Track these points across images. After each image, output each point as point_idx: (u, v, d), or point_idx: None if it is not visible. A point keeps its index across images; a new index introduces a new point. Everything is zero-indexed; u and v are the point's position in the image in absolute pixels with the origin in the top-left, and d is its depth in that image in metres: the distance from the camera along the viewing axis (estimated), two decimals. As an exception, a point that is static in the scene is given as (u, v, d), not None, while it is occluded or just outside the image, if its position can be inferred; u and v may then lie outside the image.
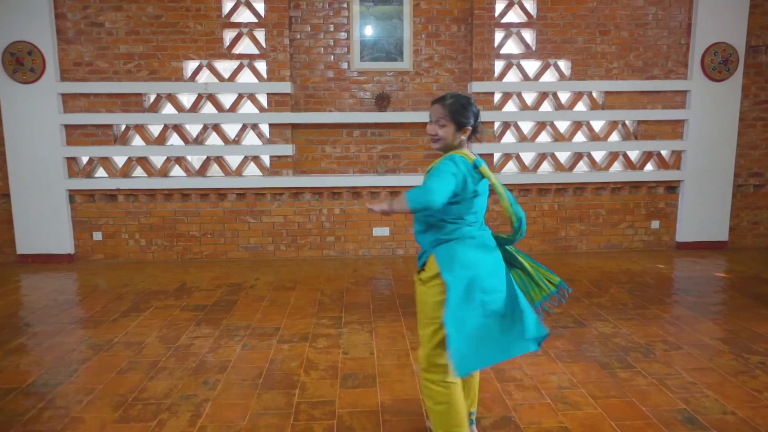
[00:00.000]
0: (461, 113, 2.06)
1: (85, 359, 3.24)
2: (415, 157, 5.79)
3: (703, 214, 5.89)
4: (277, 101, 5.49)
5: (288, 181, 5.56)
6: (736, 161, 5.89)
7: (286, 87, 5.44)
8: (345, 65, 5.64)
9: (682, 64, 5.76)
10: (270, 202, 5.65)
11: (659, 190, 5.92)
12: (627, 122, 5.84)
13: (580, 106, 5.83)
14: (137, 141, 5.64)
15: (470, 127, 2.10)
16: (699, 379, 2.94)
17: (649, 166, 5.94)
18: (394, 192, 5.71)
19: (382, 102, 5.57)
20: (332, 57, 5.62)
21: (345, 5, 5.55)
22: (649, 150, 5.82)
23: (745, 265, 5.33)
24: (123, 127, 5.55)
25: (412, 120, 5.60)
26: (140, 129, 5.52)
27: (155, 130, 5.62)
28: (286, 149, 5.54)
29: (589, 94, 5.76)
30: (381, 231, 5.78)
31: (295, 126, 5.62)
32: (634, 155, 5.91)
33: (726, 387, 2.86)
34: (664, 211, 5.95)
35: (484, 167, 2.04)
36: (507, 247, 2.22)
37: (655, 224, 5.96)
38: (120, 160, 5.66)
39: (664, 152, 5.89)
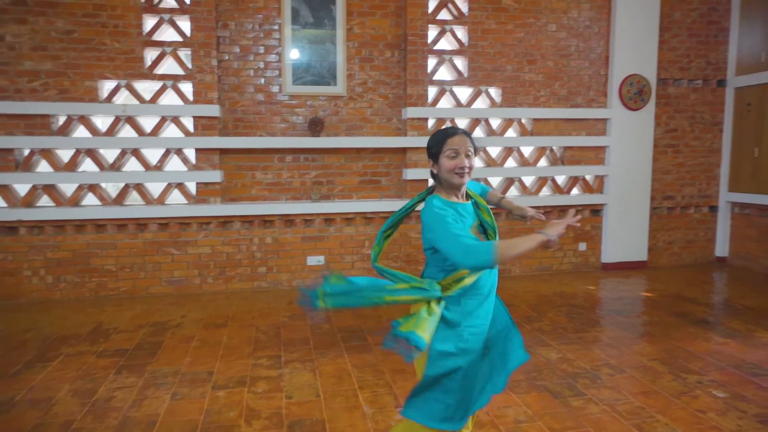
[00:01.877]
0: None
1: (-19, 423, 2.77)
2: (349, 183, 5.66)
3: (625, 235, 6.18)
4: (204, 125, 5.18)
5: (216, 209, 5.22)
6: (652, 185, 6.25)
7: (213, 110, 5.15)
8: (276, 88, 5.44)
9: (602, 94, 6.07)
10: (196, 231, 5.28)
11: (585, 213, 6.15)
12: (554, 148, 6.05)
13: (511, 133, 5.97)
14: (44, 167, 5.10)
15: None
16: (647, 403, 2.97)
17: (575, 191, 6.17)
18: (328, 219, 5.53)
19: (315, 127, 5.41)
20: (263, 80, 5.41)
21: (276, 27, 5.37)
22: (575, 175, 6.05)
23: (665, 283, 5.61)
24: (26, 152, 4.99)
25: (347, 145, 5.48)
26: (47, 154, 4.99)
27: (65, 155, 5.11)
28: (214, 175, 5.22)
29: (519, 121, 5.92)
30: (315, 260, 5.55)
31: (223, 151, 5.32)
32: (561, 180, 6.12)
33: (672, 410, 2.90)
34: (590, 233, 6.18)
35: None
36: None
37: (582, 246, 6.17)
38: (23, 188, 5.08)
39: (588, 177, 6.14)
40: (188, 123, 5.24)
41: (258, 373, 3.39)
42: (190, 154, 5.27)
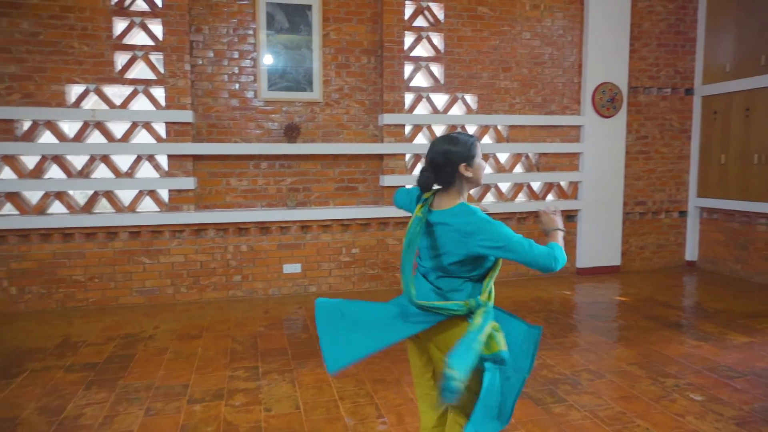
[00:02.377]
0: None
1: (-60, 445, 2.62)
2: (326, 190, 5.60)
3: (599, 240, 6.27)
4: (176, 131, 5.06)
5: (189, 216, 5.10)
6: (624, 191, 6.36)
7: (186, 116, 5.04)
8: (251, 94, 5.36)
9: (576, 101, 6.16)
10: (169, 240, 5.14)
11: (560, 219, 6.20)
12: (530, 155, 6.11)
13: (487, 139, 6.00)
14: (7, 174, 4.90)
15: None
16: (627, 408, 2.99)
17: (550, 197, 6.23)
18: (305, 226, 5.46)
19: (291, 133, 5.34)
20: (237, 85, 5.32)
21: (251, 32, 5.30)
22: (549, 181, 6.12)
23: (638, 287, 5.70)
24: (-12, 158, 4.80)
25: (323, 152, 5.43)
26: (11, 160, 4.80)
27: (30, 161, 4.93)
28: (187, 182, 5.10)
29: (495, 128, 5.96)
30: (292, 268, 5.47)
31: (196, 157, 5.20)
32: (536, 186, 6.18)
33: (652, 414, 2.92)
34: (565, 239, 6.23)
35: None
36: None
37: (557, 252, 6.21)
38: (-16, 196, 4.88)
39: (563, 183, 6.22)
40: (160, 129, 5.11)
41: (235, 385, 3.30)
42: (163, 160, 5.14)
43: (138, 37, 5.08)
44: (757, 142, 5.83)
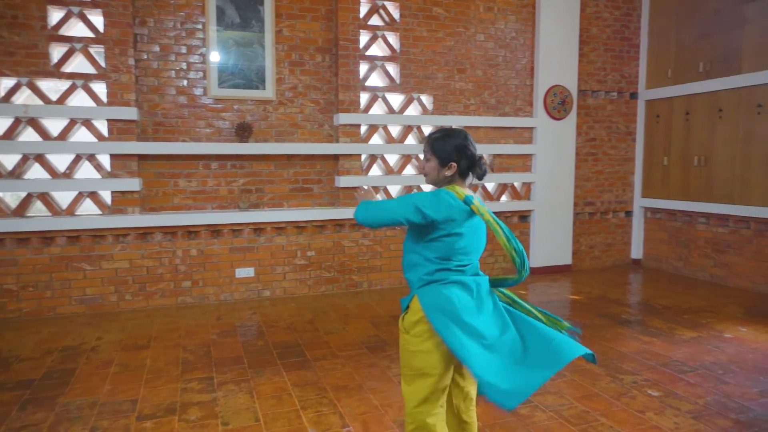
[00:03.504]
0: (443, 148, 1.97)
1: None
2: (280, 191, 5.43)
3: (551, 240, 6.39)
4: (119, 129, 4.76)
5: (134, 219, 4.82)
6: (574, 192, 6.52)
7: (131, 113, 4.75)
8: (200, 91, 5.12)
9: (528, 103, 6.26)
10: (112, 245, 4.84)
11: (514, 219, 6.29)
12: (484, 156, 6.15)
13: (442, 140, 5.99)
14: (-74, 174, 4.48)
15: (455, 164, 1.96)
16: (590, 407, 3.02)
17: (504, 197, 6.30)
18: (258, 229, 5.27)
19: (243, 132, 5.15)
20: (185, 82, 5.07)
21: (200, 26, 5.07)
22: (503, 182, 6.18)
23: (589, 286, 5.84)
24: None
25: (277, 152, 5.26)
26: (-69, 159, 4.39)
27: (-47, 160, 4.52)
28: (132, 183, 4.81)
29: (450, 129, 5.95)
30: (245, 272, 5.27)
31: (142, 157, 4.92)
32: (491, 187, 6.23)
33: (615, 412, 2.96)
34: (519, 239, 6.29)
35: (477, 204, 1.90)
36: (507, 293, 2.09)
37: (511, 252, 6.29)
38: None
39: (516, 184, 6.30)
40: (102, 126, 4.81)
41: (189, 398, 3.11)
42: (105, 160, 4.84)
43: (76, 28, 4.75)
44: (697, 145, 6.10)
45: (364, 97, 5.64)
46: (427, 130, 5.92)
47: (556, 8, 6.13)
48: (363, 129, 5.63)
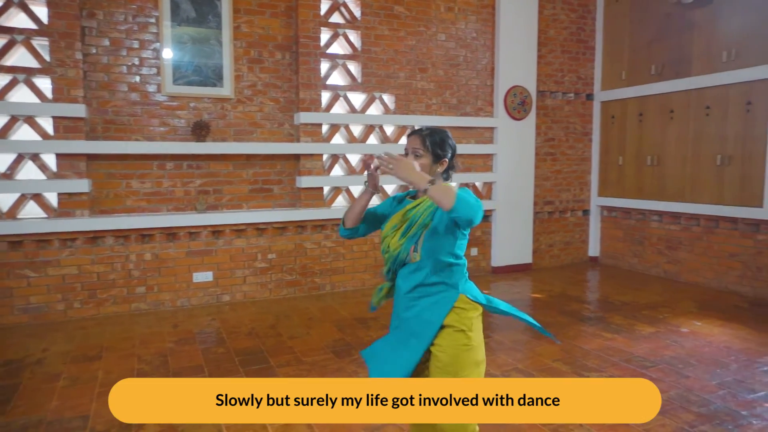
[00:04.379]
0: (439, 144, 1.98)
1: None
2: (239, 192, 5.26)
3: (512, 240, 6.45)
4: (66, 127, 4.50)
5: (83, 223, 4.56)
6: (534, 191, 6.61)
7: (78, 110, 4.49)
8: (154, 88, 4.90)
9: (489, 103, 6.30)
10: (58, 250, 4.56)
11: (476, 219, 6.31)
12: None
13: (404, 140, 5.94)
14: None
15: (447, 160, 1.98)
16: (558, 406, 3.02)
17: (466, 197, 6.31)
18: (216, 231, 5.09)
19: (200, 131, 4.95)
20: (138, 78, 4.84)
21: (153, 20, 4.84)
22: (465, 182, 6.20)
23: (550, 284, 5.92)
24: None
25: (235, 151, 5.09)
26: None
27: None
28: (80, 185, 4.55)
29: (412, 128, 5.92)
30: (203, 276, 5.08)
31: (91, 157, 4.66)
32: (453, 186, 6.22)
33: (582, 410, 2.97)
34: (481, 238, 6.37)
35: None
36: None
37: (474, 251, 6.33)
38: None
39: (478, 184, 6.33)
40: (46, 124, 4.53)
41: (146, 411, 2.94)
42: (50, 160, 4.56)
43: (17, 19, 4.46)
44: (650, 145, 6.29)
45: (325, 96, 5.53)
46: (389, 129, 5.87)
47: (515, 10, 6.20)
48: (324, 128, 5.53)
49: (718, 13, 5.48)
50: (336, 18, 5.54)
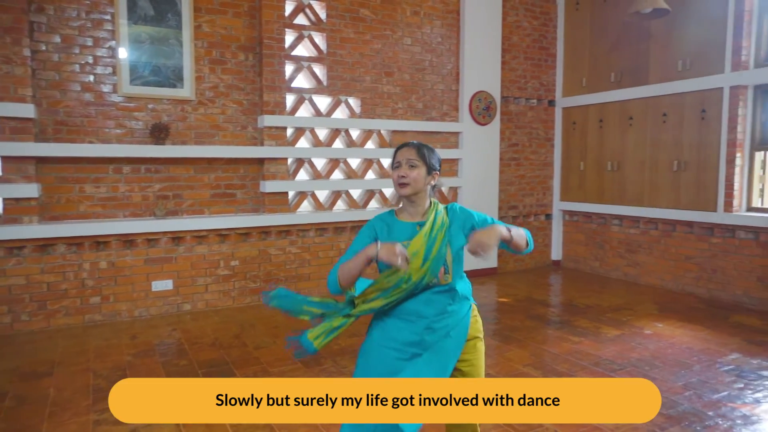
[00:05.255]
0: (431, 156, 1.98)
1: None
2: (200, 197, 5.08)
3: (478, 244, 6.46)
4: (13, 128, 4.23)
5: (31, 230, 4.29)
6: (499, 196, 6.66)
7: (26, 110, 4.23)
8: (109, 88, 4.68)
9: (454, 108, 6.31)
10: (4, 259, 4.28)
11: (442, 223, 6.31)
12: (412, 160, 6.11)
13: (370, 144, 5.90)
14: None
15: (437, 172, 1.98)
16: (532, 412, 3.01)
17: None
18: (176, 238, 4.90)
19: (158, 134, 4.76)
20: (92, 77, 4.61)
21: (108, 17, 4.63)
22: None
23: (516, 288, 5.97)
24: None
25: (196, 155, 4.92)
26: None
27: None
28: (29, 189, 4.29)
29: (378, 133, 5.88)
30: (162, 285, 4.87)
31: (41, 160, 4.40)
32: (419, 191, 6.20)
33: (556, 415, 2.97)
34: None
35: None
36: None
37: (440, 256, 6.31)
38: None
39: (444, 189, 6.33)
40: (-9, 125, 4.25)
41: (103, 431, 2.76)
42: (-5, 163, 4.28)
43: (-42, 13, 4.18)
44: (610, 151, 6.44)
45: (290, 99, 5.42)
46: (355, 133, 5.80)
47: (480, 16, 6.24)
48: (289, 132, 5.41)
49: (673, 25, 5.66)
50: (301, 19, 5.44)
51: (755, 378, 3.47)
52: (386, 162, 6.02)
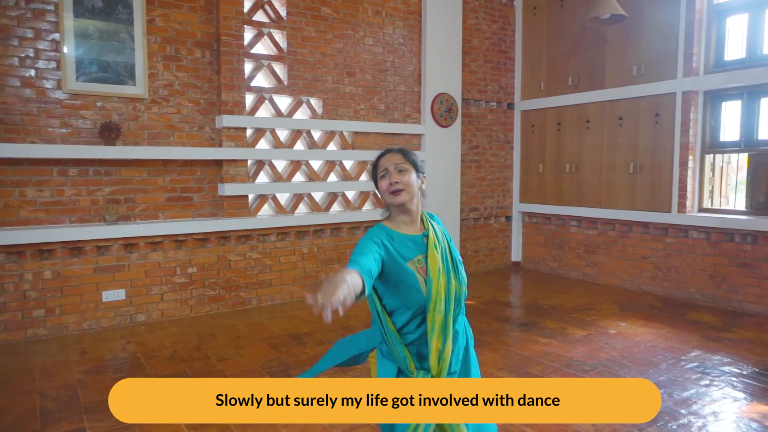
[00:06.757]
0: (416, 158, 1.86)
1: None
2: (154, 201, 4.80)
3: (440, 246, 6.44)
4: (-57, 126, 3.86)
5: (-35, 238, 3.92)
6: (460, 198, 6.66)
7: (-41, 107, 3.87)
8: (53, 84, 4.35)
9: (417, 110, 6.26)
10: (-67, 270, 3.89)
11: (405, 226, 6.24)
12: (375, 162, 6.02)
13: (332, 146, 5.76)
14: None
15: (425, 176, 1.87)
16: (511, 417, 2.97)
17: (395, 204, 6.22)
18: (129, 244, 4.60)
19: (108, 133, 4.45)
20: (33, 72, 4.27)
21: (51, 7, 4.30)
22: (394, 189, 6.10)
23: (480, 290, 5.97)
24: None
25: (150, 156, 4.64)
26: None
27: None
28: (-38, 194, 3.92)
29: (341, 134, 5.75)
30: (114, 295, 4.57)
31: (-25, 161, 4.04)
32: (382, 194, 6.11)
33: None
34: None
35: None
36: None
37: (403, 259, 6.23)
38: None
39: (407, 191, 6.25)
40: None
41: (55, 459, 2.52)
42: None
43: None
44: (568, 153, 6.56)
45: (249, 98, 5.21)
46: (316, 134, 5.65)
47: (441, 18, 6.22)
48: (249, 132, 5.20)
49: (629, 31, 5.82)
50: (260, 16, 5.25)
51: (719, 374, 3.57)
52: (348, 164, 5.89)
